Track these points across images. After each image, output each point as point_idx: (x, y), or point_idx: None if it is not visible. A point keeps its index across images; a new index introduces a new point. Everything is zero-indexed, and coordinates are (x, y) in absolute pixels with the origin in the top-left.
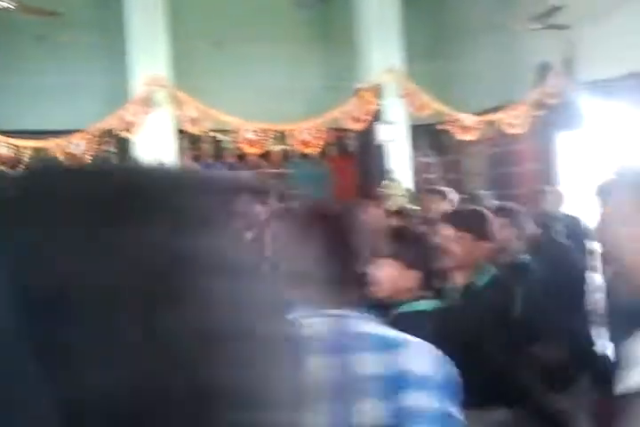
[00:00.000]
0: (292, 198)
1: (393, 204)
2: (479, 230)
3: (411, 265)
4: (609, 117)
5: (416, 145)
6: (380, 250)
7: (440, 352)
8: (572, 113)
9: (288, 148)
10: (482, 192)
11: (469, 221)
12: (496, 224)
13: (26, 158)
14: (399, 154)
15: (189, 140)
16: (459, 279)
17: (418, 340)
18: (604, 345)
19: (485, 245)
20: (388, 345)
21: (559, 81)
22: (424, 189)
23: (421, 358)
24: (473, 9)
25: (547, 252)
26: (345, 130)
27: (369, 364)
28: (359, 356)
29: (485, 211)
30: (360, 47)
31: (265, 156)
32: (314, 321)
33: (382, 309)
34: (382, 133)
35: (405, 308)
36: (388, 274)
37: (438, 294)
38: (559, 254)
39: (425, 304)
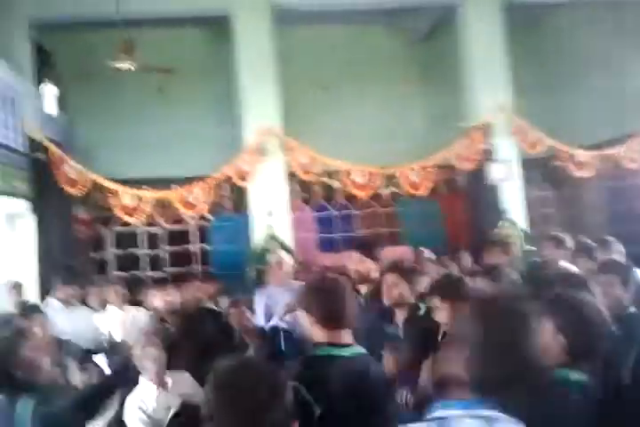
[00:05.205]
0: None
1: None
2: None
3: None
4: None
5: (528, 178)
6: None
7: None
8: None
9: (397, 190)
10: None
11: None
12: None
13: (148, 209)
14: (512, 192)
15: (299, 184)
16: None
17: None
18: None
19: None
20: None
21: None
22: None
23: None
24: (583, 39)
25: None
26: (454, 167)
27: None
28: None
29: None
30: (466, 85)
31: (374, 196)
32: (467, 423)
33: None
34: (494, 172)
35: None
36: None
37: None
38: None
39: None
